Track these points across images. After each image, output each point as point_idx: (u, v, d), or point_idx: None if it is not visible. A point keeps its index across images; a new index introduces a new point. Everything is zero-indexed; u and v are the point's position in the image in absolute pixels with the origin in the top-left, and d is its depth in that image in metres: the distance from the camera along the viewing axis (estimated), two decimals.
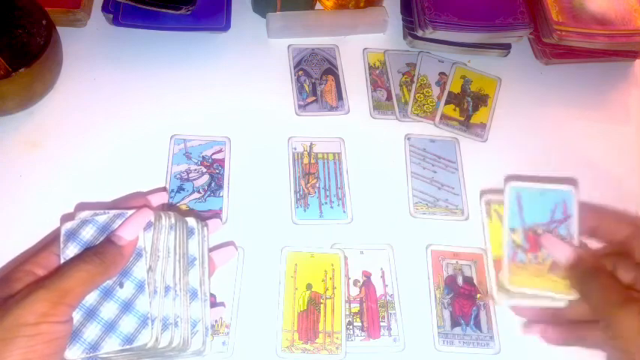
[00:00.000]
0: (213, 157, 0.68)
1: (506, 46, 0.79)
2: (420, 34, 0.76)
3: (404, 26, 0.80)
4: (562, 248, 0.49)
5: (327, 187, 0.67)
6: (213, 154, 0.68)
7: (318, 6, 0.81)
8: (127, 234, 0.45)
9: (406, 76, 0.77)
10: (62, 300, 0.40)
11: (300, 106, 0.73)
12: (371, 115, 0.73)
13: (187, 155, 0.67)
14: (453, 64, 0.78)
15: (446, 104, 0.75)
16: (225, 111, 0.71)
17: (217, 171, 0.67)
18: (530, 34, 0.78)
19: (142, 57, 0.75)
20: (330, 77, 0.76)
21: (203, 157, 0.67)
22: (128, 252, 0.45)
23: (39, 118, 0.68)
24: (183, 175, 0.66)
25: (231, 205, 0.65)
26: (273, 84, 0.74)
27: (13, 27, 0.66)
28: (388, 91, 0.75)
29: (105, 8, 0.74)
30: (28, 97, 0.67)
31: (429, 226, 0.66)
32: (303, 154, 0.69)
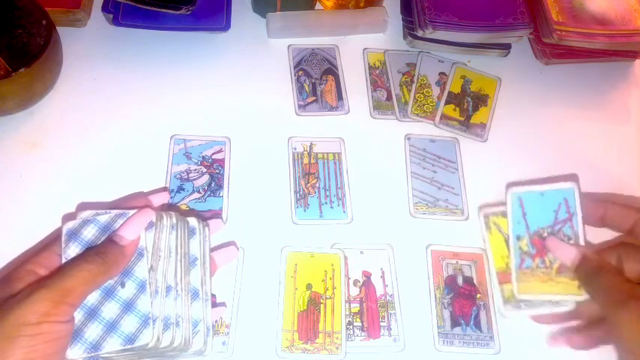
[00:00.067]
0: (213, 157, 0.68)
1: (506, 46, 0.79)
2: (420, 34, 0.76)
3: (404, 26, 0.80)
4: (566, 250, 0.49)
5: (327, 187, 0.67)
6: (213, 154, 0.68)
7: (318, 6, 0.81)
8: (129, 234, 0.45)
9: (406, 76, 0.77)
10: (64, 299, 0.40)
11: (300, 106, 0.73)
12: (371, 115, 0.73)
13: (187, 155, 0.67)
14: (453, 64, 0.78)
15: (446, 104, 0.75)
16: (225, 111, 0.71)
17: (217, 171, 0.67)
18: (530, 34, 0.78)
19: (142, 57, 0.74)
20: (330, 77, 0.76)
21: (203, 157, 0.67)
22: (130, 252, 0.45)
23: (39, 118, 0.68)
24: (183, 175, 0.66)
25: (231, 205, 0.65)
26: (273, 84, 0.74)
27: (13, 27, 0.66)
28: (388, 91, 0.75)
29: (105, 8, 0.74)
30: (28, 97, 0.66)
31: (429, 226, 0.66)
32: (303, 154, 0.69)
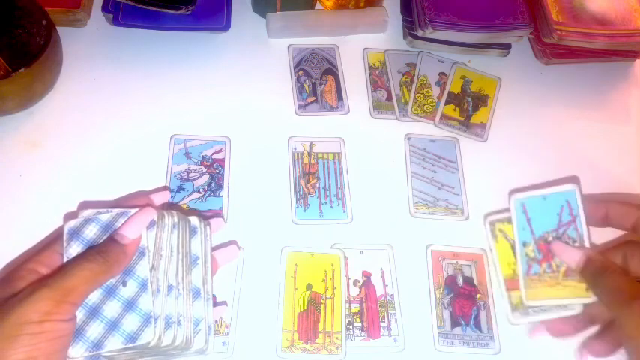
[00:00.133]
0: (213, 157, 0.68)
1: (506, 46, 0.79)
2: (420, 34, 0.76)
3: (404, 26, 0.80)
4: (570, 253, 0.50)
5: (327, 187, 0.67)
6: (213, 154, 0.68)
7: (318, 6, 0.81)
8: (131, 232, 0.45)
9: (406, 76, 0.77)
10: (65, 298, 0.40)
11: (300, 106, 0.73)
12: (371, 115, 0.73)
13: (187, 155, 0.67)
14: (453, 64, 0.78)
15: (446, 104, 0.75)
16: (225, 111, 0.71)
17: (217, 171, 0.67)
18: (530, 34, 0.78)
19: (142, 57, 0.74)
20: (330, 77, 0.76)
21: (203, 157, 0.67)
22: (131, 250, 0.45)
23: (39, 118, 0.68)
24: (183, 175, 0.66)
25: (231, 205, 0.65)
26: (273, 84, 0.74)
27: (13, 27, 0.66)
28: (388, 91, 0.75)
29: (105, 8, 0.74)
30: (28, 97, 0.66)
31: (429, 226, 0.66)
32: (303, 154, 0.69)
